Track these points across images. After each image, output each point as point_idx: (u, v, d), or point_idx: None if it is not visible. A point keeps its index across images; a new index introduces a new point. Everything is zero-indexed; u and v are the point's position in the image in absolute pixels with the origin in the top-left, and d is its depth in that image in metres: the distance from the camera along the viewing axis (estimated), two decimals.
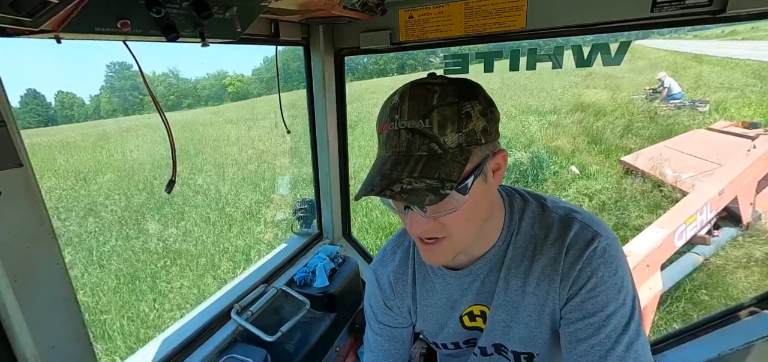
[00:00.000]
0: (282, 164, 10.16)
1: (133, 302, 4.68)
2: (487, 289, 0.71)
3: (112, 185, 9.57)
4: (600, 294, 0.60)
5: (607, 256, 0.61)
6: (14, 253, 0.66)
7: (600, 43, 1.14)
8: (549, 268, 0.65)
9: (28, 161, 0.67)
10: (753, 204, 3.88)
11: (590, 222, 0.65)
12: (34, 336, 0.70)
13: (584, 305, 0.61)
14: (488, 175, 0.59)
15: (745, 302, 1.25)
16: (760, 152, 3.94)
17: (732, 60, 17.59)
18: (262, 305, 1.34)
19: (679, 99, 9.57)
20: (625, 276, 0.62)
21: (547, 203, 0.70)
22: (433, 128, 0.53)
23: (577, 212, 0.68)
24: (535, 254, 0.66)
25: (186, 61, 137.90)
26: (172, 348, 1.12)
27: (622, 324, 0.59)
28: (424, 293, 0.78)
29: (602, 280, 0.60)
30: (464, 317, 0.76)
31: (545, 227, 0.67)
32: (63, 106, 69.77)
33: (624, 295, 0.60)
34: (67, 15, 0.52)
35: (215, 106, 50.48)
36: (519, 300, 0.68)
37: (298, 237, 1.83)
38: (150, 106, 63.89)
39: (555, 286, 0.64)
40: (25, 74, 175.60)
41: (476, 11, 1.21)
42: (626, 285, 0.61)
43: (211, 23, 0.73)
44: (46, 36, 0.57)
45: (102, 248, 6.06)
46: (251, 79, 75.74)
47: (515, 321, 0.70)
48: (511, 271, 0.68)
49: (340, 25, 1.46)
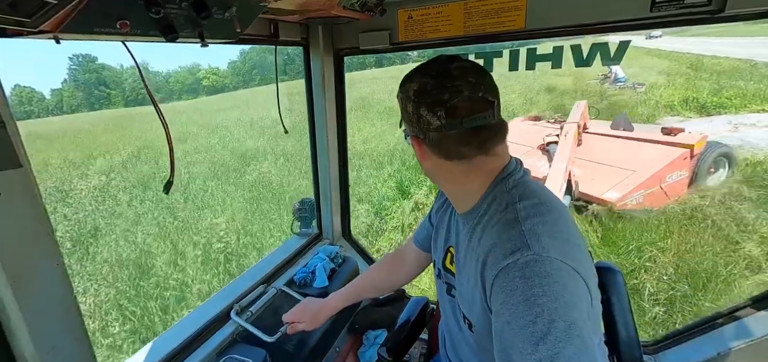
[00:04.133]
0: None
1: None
2: (460, 244, 0.81)
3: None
4: (511, 305, 0.57)
5: (527, 271, 0.58)
6: (14, 254, 0.66)
7: (599, 42, 1.14)
8: (482, 256, 0.67)
9: (27, 162, 0.67)
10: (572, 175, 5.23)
11: (531, 234, 0.62)
12: (33, 337, 0.70)
13: (501, 309, 0.59)
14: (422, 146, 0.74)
15: (744, 302, 1.25)
16: (570, 136, 5.65)
17: (676, 53, 20.85)
18: (261, 305, 1.34)
19: (623, 82, 12.61)
20: (543, 295, 0.55)
21: (523, 196, 0.69)
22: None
23: (532, 221, 0.65)
24: (483, 237, 0.70)
25: (155, 54, 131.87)
26: (171, 349, 1.11)
27: (530, 342, 0.53)
28: (446, 215, 0.93)
29: (512, 293, 0.58)
30: (449, 254, 0.88)
31: (499, 217, 0.69)
32: (21, 101, 68.01)
33: (535, 313, 0.54)
34: (66, 16, 0.52)
35: (190, 100, 49.30)
36: (468, 269, 0.74)
37: (297, 237, 1.83)
38: (117, 101, 62.52)
39: (479, 275, 0.67)
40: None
41: (475, 11, 1.21)
42: (542, 304, 0.54)
43: (211, 24, 0.73)
44: (45, 36, 0.57)
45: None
46: (227, 72, 74.69)
47: (465, 287, 0.76)
48: (470, 241, 0.75)
49: (340, 26, 1.46)
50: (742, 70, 12.46)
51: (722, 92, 10.20)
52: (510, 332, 0.56)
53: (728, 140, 6.23)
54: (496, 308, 0.60)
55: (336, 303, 1.12)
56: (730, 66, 13.64)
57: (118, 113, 35.79)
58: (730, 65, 13.82)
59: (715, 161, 5.25)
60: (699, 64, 15.43)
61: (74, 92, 66.75)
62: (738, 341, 1.19)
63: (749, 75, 11.76)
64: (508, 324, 0.57)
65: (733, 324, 1.24)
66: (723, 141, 5.73)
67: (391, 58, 39.36)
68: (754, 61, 13.82)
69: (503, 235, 0.64)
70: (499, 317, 0.59)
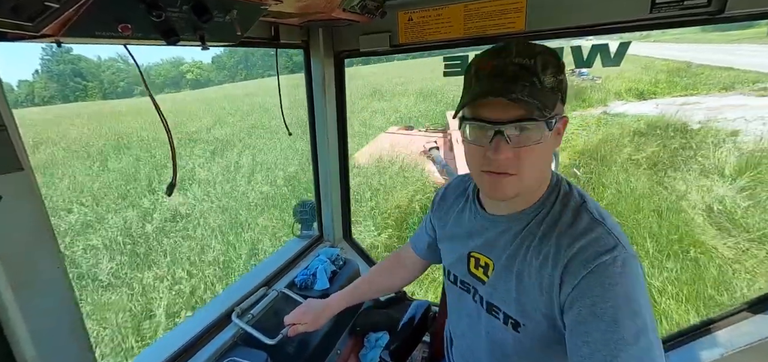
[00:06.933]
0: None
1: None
2: (498, 245, 0.77)
3: None
4: (610, 300, 0.59)
5: (627, 269, 0.61)
6: (15, 256, 0.66)
7: (599, 44, 1.14)
8: (555, 254, 0.67)
9: (28, 165, 0.67)
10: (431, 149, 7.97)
11: (614, 231, 0.66)
12: (34, 339, 0.70)
13: (593, 309, 0.60)
14: (556, 130, 0.67)
15: (748, 303, 1.25)
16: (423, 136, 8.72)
17: (634, 56, 24.46)
18: (262, 308, 1.34)
19: (586, 76, 15.60)
20: (639, 291, 0.61)
21: (587, 200, 0.73)
22: (537, 67, 0.63)
23: (609, 220, 0.69)
24: (551, 236, 0.69)
25: (136, 49, 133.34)
26: (173, 351, 1.11)
27: (631, 334, 0.57)
28: (457, 218, 0.90)
29: (614, 290, 0.60)
30: (471, 259, 0.84)
31: (573, 216, 0.70)
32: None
33: (634, 308, 0.59)
34: (67, 19, 0.53)
35: (172, 93, 49.33)
36: (524, 269, 0.72)
37: (298, 240, 1.83)
38: (94, 93, 61.51)
39: (556, 274, 0.66)
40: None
41: (475, 13, 1.21)
42: (638, 298, 0.60)
43: (211, 27, 0.73)
44: (47, 40, 0.57)
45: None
46: (211, 66, 74.23)
47: (516, 288, 0.74)
48: (526, 240, 0.73)
49: (340, 28, 1.46)
50: (680, 70, 16.23)
51: (658, 85, 13.90)
52: (607, 327, 0.58)
53: (653, 113, 9.61)
54: (586, 304, 0.61)
55: (337, 304, 1.12)
56: (673, 66, 17.31)
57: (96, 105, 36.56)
58: (673, 66, 17.66)
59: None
60: (650, 64, 18.99)
61: (47, 83, 64.35)
62: (742, 342, 1.18)
63: (684, 73, 15.55)
64: (603, 320, 0.59)
65: (737, 325, 1.23)
66: (649, 114, 9.43)
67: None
68: (690, 63, 17.77)
69: (590, 234, 0.66)
70: (590, 313, 0.61)
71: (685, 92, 12.40)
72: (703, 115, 8.91)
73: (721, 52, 21.06)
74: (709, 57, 19.29)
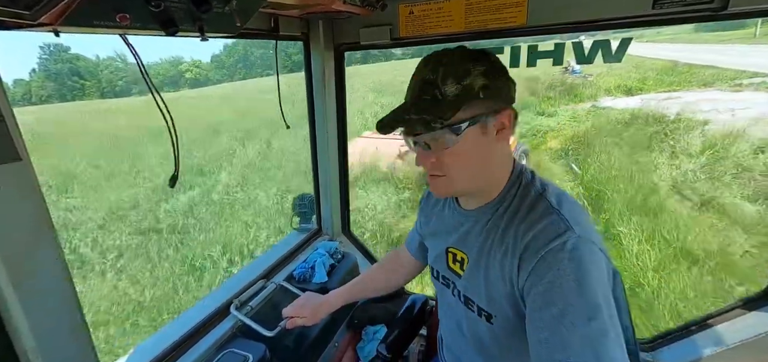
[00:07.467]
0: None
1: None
2: (469, 239, 0.80)
3: None
4: (559, 287, 0.59)
5: (576, 253, 0.61)
6: (13, 247, 0.66)
7: (601, 40, 1.13)
8: (513, 243, 0.68)
9: (27, 155, 0.67)
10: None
11: (569, 218, 0.65)
12: (33, 331, 0.70)
13: (547, 291, 0.60)
14: (488, 129, 0.68)
15: (740, 300, 1.26)
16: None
17: (628, 55, 23.51)
18: (261, 300, 1.34)
19: (578, 73, 15.64)
20: (593, 274, 0.60)
21: (548, 189, 0.72)
22: (438, 79, 0.66)
23: (566, 206, 0.68)
24: (512, 226, 0.70)
25: (135, 43, 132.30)
26: (171, 343, 1.12)
27: (583, 319, 0.57)
28: (439, 215, 0.93)
29: (563, 274, 0.60)
30: (449, 254, 0.86)
31: (530, 206, 0.70)
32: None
33: (586, 291, 0.58)
34: (65, 8, 0.52)
35: (172, 92, 49.18)
36: (490, 261, 0.74)
37: (297, 233, 1.83)
38: (91, 92, 61.71)
39: (515, 262, 0.68)
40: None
41: (477, 7, 1.20)
42: (590, 282, 0.59)
43: (211, 17, 0.72)
44: (45, 29, 0.57)
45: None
46: (210, 66, 73.75)
47: (485, 279, 0.75)
48: (491, 232, 0.75)
49: (340, 20, 1.45)
50: (667, 69, 16.98)
51: (646, 82, 14.77)
52: (558, 312, 0.58)
53: (638, 107, 10.44)
54: (539, 291, 0.62)
55: (335, 301, 1.12)
56: (660, 65, 18.05)
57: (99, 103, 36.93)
58: (661, 65, 18.33)
59: (520, 154, 7.17)
60: (641, 63, 19.79)
61: (44, 82, 64.29)
62: (733, 339, 1.19)
63: (671, 72, 16.24)
64: (555, 305, 0.59)
65: (728, 323, 1.25)
66: (634, 107, 10.43)
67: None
68: (676, 62, 18.55)
69: (543, 221, 0.66)
70: (543, 299, 0.61)
71: (669, 88, 13.15)
72: (680, 107, 9.78)
73: (710, 52, 21.51)
74: (697, 56, 19.91)
